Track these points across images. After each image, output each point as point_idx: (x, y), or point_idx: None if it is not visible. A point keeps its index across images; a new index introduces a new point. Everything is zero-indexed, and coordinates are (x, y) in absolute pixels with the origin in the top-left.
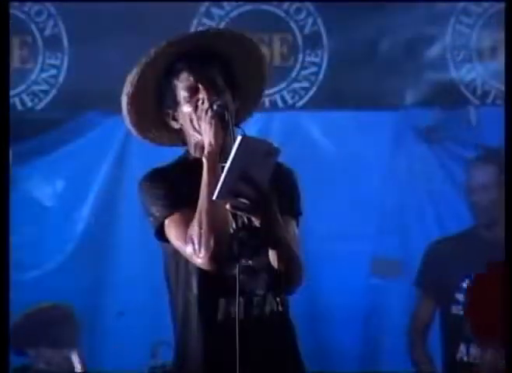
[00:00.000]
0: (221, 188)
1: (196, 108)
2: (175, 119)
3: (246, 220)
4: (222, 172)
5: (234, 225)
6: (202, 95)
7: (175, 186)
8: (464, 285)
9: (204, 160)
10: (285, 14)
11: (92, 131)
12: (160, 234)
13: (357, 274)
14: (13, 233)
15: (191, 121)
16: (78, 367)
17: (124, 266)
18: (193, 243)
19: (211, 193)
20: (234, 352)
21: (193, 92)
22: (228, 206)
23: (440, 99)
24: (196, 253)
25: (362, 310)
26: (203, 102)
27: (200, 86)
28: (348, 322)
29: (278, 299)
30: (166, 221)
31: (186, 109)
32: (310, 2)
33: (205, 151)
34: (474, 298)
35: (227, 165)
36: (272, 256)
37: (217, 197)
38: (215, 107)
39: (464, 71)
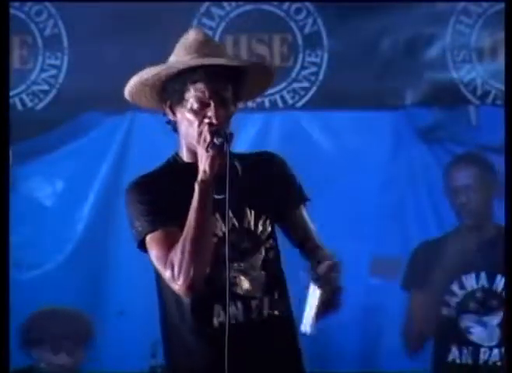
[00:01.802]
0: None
1: (201, 123)
2: (172, 110)
3: (236, 222)
4: (214, 201)
5: (224, 228)
6: (211, 113)
7: (161, 199)
8: (454, 288)
9: (196, 187)
10: (285, 14)
11: (92, 131)
12: (143, 247)
13: (357, 274)
14: (13, 233)
15: (189, 128)
16: None
17: (123, 265)
18: (172, 268)
19: (198, 220)
20: (234, 357)
21: (203, 105)
22: None
23: (440, 99)
24: (174, 279)
25: (361, 310)
26: (208, 123)
27: (212, 104)
28: (347, 322)
29: (275, 302)
30: (148, 238)
31: (190, 116)
32: (310, 2)
33: (199, 178)
34: None
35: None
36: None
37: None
38: (216, 142)
39: (464, 71)
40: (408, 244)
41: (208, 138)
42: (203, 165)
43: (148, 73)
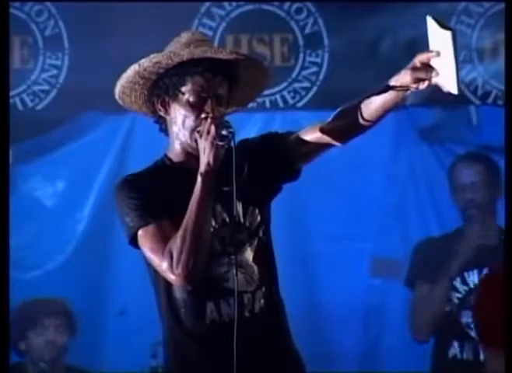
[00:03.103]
0: None
1: (197, 117)
2: (164, 106)
3: (226, 217)
4: (216, 193)
5: (214, 223)
6: (209, 107)
7: (150, 194)
8: (457, 284)
9: (198, 178)
10: (286, 14)
11: (92, 131)
12: (135, 242)
13: (357, 274)
14: (13, 233)
15: (185, 122)
16: None
17: (124, 265)
18: (171, 257)
19: (199, 211)
20: (227, 355)
21: (200, 99)
22: None
23: (441, 99)
24: (172, 268)
25: (362, 310)
26: (206, 118)
27: (208, 101)
28: (348, 322)
29: (268, 295)
30: (140, 232)
31: (187, 110)
32: (311, 2)
33: (202, 170)
34: (480, 299)
35: None
36: None
37: None
38: (224, 133)
39: (464, 71)
40: (408, 244)
41: (213, 130)
42: (207, 157)
43: (149, 61)
